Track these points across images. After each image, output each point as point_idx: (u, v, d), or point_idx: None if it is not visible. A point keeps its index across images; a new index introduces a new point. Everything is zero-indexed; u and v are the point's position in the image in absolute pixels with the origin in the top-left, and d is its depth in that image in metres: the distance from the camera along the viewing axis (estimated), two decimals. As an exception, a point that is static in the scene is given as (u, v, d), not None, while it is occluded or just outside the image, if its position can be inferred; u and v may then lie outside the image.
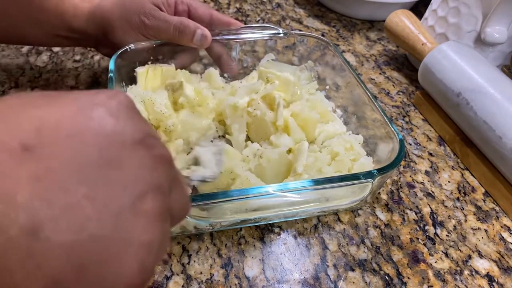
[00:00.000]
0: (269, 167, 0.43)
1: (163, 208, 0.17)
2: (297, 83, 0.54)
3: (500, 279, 0.42)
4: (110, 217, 0.15)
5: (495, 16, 0.56)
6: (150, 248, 0.16)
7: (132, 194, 0.16)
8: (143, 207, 0.16)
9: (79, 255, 0.14)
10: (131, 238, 0.16)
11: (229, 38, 0.55)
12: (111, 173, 0.15)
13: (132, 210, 0.16)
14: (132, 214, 0.16)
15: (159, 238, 0.17)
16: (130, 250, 0.15)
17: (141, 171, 0.17)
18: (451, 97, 0.55)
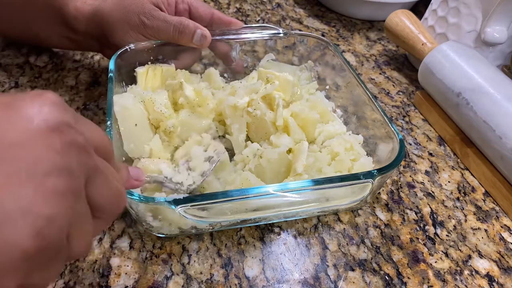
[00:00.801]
0: (269, 167, 0.43)
1: (69, 188, 0.19)
2: (296, 83, 0.54)
3: (500, 279, 0.42)
4: (11, 188, 0.17)
5: (495, 16, 0.56)
6: (50, 221, 0.18)
7: (35, 171, 0.18)
8: (46, 183, 0.18)
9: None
10: (30, 209, 0.18)
11: (229, 38, 0.55)
12: (16, 153, 0.18)
13: (34, 185, 0.18)
14: (33, 188, 0.18)
15: (63, 214, 0.19)
16: (28, 218, 0.17)
17: (48, 153, 0.19)
18: (451, 97, 0.55)
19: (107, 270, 0.39)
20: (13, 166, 0.18)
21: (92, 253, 0.40)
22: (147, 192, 0.42)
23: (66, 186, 0.19)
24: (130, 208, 0.38)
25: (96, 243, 0.41)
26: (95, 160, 0.22)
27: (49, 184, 0.18)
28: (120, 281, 0.38)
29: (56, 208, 0.18)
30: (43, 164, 0.18)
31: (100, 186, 0.22)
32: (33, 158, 0.18)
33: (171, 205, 0.34)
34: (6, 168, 0.18)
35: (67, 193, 0.19)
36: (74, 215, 0.20)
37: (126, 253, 0.41)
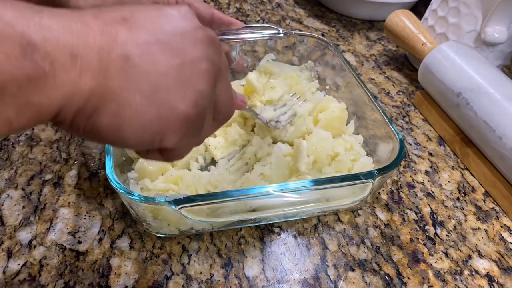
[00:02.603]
0: (274, 173, 0.44)
1: (213, 73, 0.24)
2: (298, 80, 0.54)
3: (500, 279, 0.42)
4: (176, 65, 0.22)
5: (495, 16, 0.56)
6: (202, 95, 0.24)
7: (193, 57, 0.23)
8: (200, 66, 0.23)
9: (152, 80, 0.21)
10: (189, 83, 0.23)
11: (229, 38, 0.55)
12: (179, 40, 0.23)
13: (192, 66, 0.23)
14: (191, 69, 0.23)
15: (209, 93, 0.24)
16: (188, 90, 0.23)
17: (199, 44, 0.24)
18: (451, 97, 0.55)
19: (107, 270, 0.39)
20: (178, 50, 0.23)
21: (92, 253, 0.40)
22: (147, 193, 0.42)
23: (212, 70, 0.24)
24: (130, 208, 0.38)
25: (96, 243, 0.41)
26: (223, 62, 0.27)
27: (202, 67, 0.23)
28: (120, 281, 0.38)
29: (206, 85, 0.24)
30: (197, 51, 0.23)
31: (223, 87, 0.27)
32: (190, 46, 0.23)
33: (171, 205, 0.34)
34: (171, 50, 0.22)
35: (212, 76, 0.24)
36: (212, 98, 0.25)
37: (126, 253, 0.41)
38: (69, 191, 0.46)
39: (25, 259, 0.39)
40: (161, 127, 0.22)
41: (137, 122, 0.22)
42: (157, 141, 0.23)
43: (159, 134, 0.23)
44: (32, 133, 0.52)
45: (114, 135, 0.22)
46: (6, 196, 0.45)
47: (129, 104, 0.21)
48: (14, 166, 0.48)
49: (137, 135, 0.22)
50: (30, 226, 0.42)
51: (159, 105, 0.22)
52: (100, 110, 0.21)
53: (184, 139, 0.24)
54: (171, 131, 0.23)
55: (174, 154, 0.26)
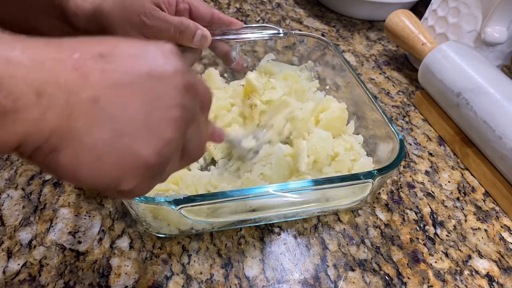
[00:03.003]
0: (274, 173, 0.44)
1: (184, 121, 0.24)
2: (298, 80, 0.54)
3: (500, 279, 0.42)
4: (146, 110, 0.22)
5: (495, 16, 0.56)
6: (168, 143, 0.23)
7: (164, 103, 0.22)
8: (170, 113, 0.23)
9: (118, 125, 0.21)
10: (157, 130, 0.22)
11: (229, 38, 0.55)
12: (154, 85, 0.22)
13: (162, 112, 0.22)
14: (161, 115, 0.22)
15: (176, 140, 0.23)
16: (154, 138, 0.22)
17: (172, 90, 0.23)
18: (451, 97, 0.55)
19: (107, 270, 0.39)
20: (151, 95, 0.22)
21: (92, 253, 0.40)
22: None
23: (183, 117, 0.23)
24: (130, 208, 0.38)
25: (96, 243, 0.41)
26: (197, 107, 0.26)
27: (172, 114, 0.23)
28: (120, 281, 0.38)
29: (174, 133, 0.23)
30: (171, 98, 0.23)
31: (194, 131, 0.26)
32: (164, 91, 0.22)
33: (171, 205, 0.34)
34: (143, 94, 0.22)
35: (182, 124, 0.23)
36: (179, 145, 0.24)
37: (126, 253, 0.41)
38: (69, 191, 0.46)
39: (25, 259, 0.39)
40: (119, 173, 0.22)
41: (95, 167, 0.21)
42: (113, 186, 0.22)
43: (117, 180, 0.22)
44: (32, 133, 0.52)
45: (70, 176, 0.21)
46: (6, 196, 0.45)
47: (89, 149, 0.21)
48: (14, 166, 0.48)
49: (94, 179, 0.22)
50: (30, 226, 0.42)
51: (120, 152, 0.21)
52: (59, 150, 0.20)
53: (142, 183, 0.24)
54: (129, 177, 0.22)
55: (132, 195, 0.25)
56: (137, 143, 0.22)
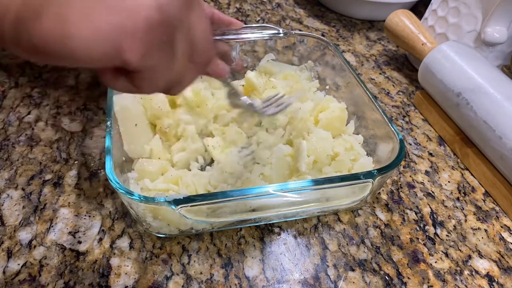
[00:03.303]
0: (274, 173, 0.44)
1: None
2: (298, 79, 0.54)
3: (500, 279, 0.42)
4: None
5: (495, 16, 0.56)
6: (168, 1, 0.20)
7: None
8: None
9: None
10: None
11: (229, 38, 0.55)
12: None
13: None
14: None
15: (177, 5, 0.21)
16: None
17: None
18: (451, 97, 0.55)
19: (107, 270, 0.39)
20: None
21: (92, 253, 0.40)
22: (147, 193, 0.42)
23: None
24: (130, 208, 0.38)
25: (96, 243, 0.41)
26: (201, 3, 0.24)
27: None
28: (120, 281, 0.38)
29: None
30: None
31: (199, 17, 0.24)
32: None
33: (171, 205, 0.34)
34: None
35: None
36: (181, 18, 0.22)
37: (126, 253, 0.41)
38: (69, 191, 0.46)
39: (25, 259, 0.39)
40: (116, 32, 0.19)
41: (86, 26, 0.18)
42: (113, 51, 0.19)
43: (115, 41, 0.19)
44: (32, 133, 0.52)
45: (60, 45, 0.18)
46: (6, 196, 0.45)
47: (73, 2, 0.18)
48: (14, 166, 0.48)
49: (88, 43, 0.19)
50: (30, 226, 0.42)
51: (112, 7, 0.19)
52: (41, 12, 0.18)
53: (149, 55, 0.21)
54: (130, 39, 0.19)
55: (144, 79, 0.22)
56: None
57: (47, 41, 0.18)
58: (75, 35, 0.18)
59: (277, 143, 0.47)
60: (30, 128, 0.53)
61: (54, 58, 0.19)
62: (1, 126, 0.53)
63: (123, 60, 0.20)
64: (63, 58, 0.19)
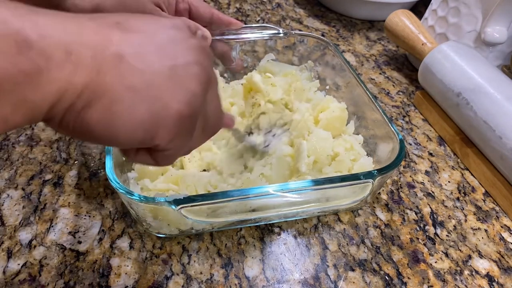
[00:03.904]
0: (274, 173, 0.44)
1: (204, 77, 0.25)
2: (298, 78, 0.54)
3: (500, 279, 0.42)
4: (169, 66, 0.23)
5: (495, 16, 0.56)
6: (195, 95, 0.24)
7: (184, 60, 0.24)
8: (192, 69, 0.24)
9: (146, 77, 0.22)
10: (182, 83, 0.23)
11: (229, 38, 0.55)
12: (171, 44, 0.24)
13: (184, 68, 0.24)
14: (184, 71, 0.24)
15: (200, 95, 0.25)
16: (182, 90, 0.23)
17: (192, 50, 0.25)
18: (451, 97, 0.55)
19: (107, 270, 0.39)
20: (171, 53, 0.24)
21: (92, 253, 0.40)
22: (147, 193, 0.42)
23: (203, 75, 0.25)
24: (130, 208, 0.38)
25: (96, 243, 0.41)
26: (214, 73, 0.27)
27: (194, 70, 0.24)
28: (120, 281, 0.38)
29: (198, 88, 0.24)
30: (190, 56, 0.24)
31: (213, 96, 0.27)
32: (182, 51, 0.24)
33: (171, 205, 0.34)
34: (163, 52, 0.23)
35: (203, 81, 0.25)
36: (202, 104, 0.25)
37: (126, 253, 0.41)
38: (69, 191, 0.46)
39: (25, 259, 0.39)
40: (153, 124, 0.23)
41: (129, 118, 0.22)
42: (148, 138, 0.23)
43: (151, 131, 0.23)
44: (32, 133, 0.52)
45: (105, 131, 0.22)
46: (6, 196, 0.45)
47: (121, 99, 0.21)
48: (14, 166, 0.48)
49: (129, 131, 0.22)
50: (30, 226, 0.42)
51: (152, 102, 0.22)
52: (91, 104, 0.21)
53: (175, 139, 0.24)
54: (164, 129, 0.23)
55: (164, 156, 0.26)
56: (166, 94, 0.23)
57: (93, 127, 0.21)
58: (119, 125, 0.22)
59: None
60: (30, 128, 0.53)
61: (96, 140, 0.22)
62: (1, 126, 0.53)
63: (154, 144, 0.24)
64: (104, 140, 0.23)
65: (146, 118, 0.22)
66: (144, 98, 0.22)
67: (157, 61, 0.23)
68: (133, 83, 0.21)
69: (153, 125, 0.23)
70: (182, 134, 0.25)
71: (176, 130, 0.24)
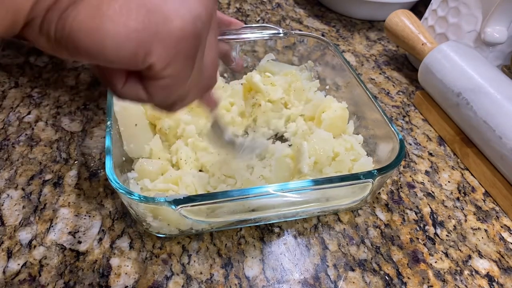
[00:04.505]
0: (274, 175, 0.44)
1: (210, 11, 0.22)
2: (298, 77, 0.54)
3: (500, 279, 0.42)
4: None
5: (495, 16, 0.56)
6: (200, 18, 0.21)
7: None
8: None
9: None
10: (189, 3, 0.20)
11: (229, 38, 0.55)
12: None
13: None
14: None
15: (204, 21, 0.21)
16: (184, 7, 0.20)
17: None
18: (451, 97, 0.55)
19: (107, 270, 0.39)
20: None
21: (92, 253, 0.40)
22: (147, 193, 0.42)
23: (209, 4, 0.22)
24: (130, 208, 0.38)
25: (96, 243, 0.41)
26: (216, 20, 0.25)
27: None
28: (120, 281, 0.38)
29: (204, 12, 0.21)
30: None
31: (212, 41, 0.24)
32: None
33: (171, 205, 0.34)
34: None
35: (208, 9, 0.22)
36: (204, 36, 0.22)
37: (126, 253, 0.41)
38: (69, 191, 0.46)
39: (25, 259, 0.39)
40: (149, 36, 0.19)
41: (121, 23, 0.18)
42: (142, 53, 0.19)
43: (146, 44, 0.19)
44: (32, 133, 0.52)
45: (91, 38, 0.18)
46: (6, 196, 0.45)
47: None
48: (14, 166, 0.48)
49: (120, 41, 0.18)
50: (30, 226, 0.42)
51: (150, 10, 0.19)
52: (77, 2, 0.18)
53: (173, 64, 0.21)
54: (161, 45, 0.20)
55: (159, 86, 0.22)
56: (169, 7, 0.19)
57: (80, 33, 0.18)
58: (110, 31, 0.18)
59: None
60: (30, 128, 0.53)
61: (81, 53, 0.19)
62: (1, 126, 0.53)
63: (149, 64, 0.20)
64: (89, 54, 0.19)
65: (141, 27, 0.19)
66: (142, 3, 0.19)
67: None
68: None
69: (149, 37, 0.19)
70: (181, 58, 0.21)
71: (175, 51, 0.20)
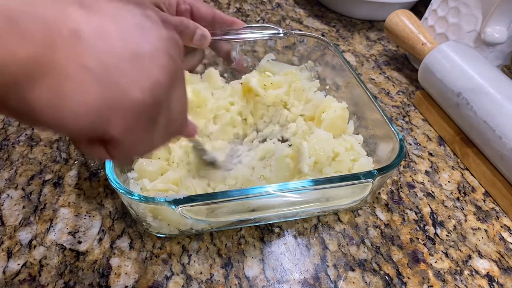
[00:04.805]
0: (274, 175, 0.44)
1: (173, 71, 0.23)
2: (298, 77, 0.54)
3: (500, 279, 0.42)
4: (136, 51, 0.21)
5: (495, 16, 0.56)
6: (159, 86, 0.22)
7: (150, 48, 0.22)
8: (159, 59, 0.22)
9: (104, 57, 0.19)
10: (145, 70, 0.21)
11: (229, 38, 0.55)
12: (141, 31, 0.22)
13: (151, 56, 0.21)
14: (150, 59, 0.21)
15: (165, 88, 0.22)
16: (142, 77, 0.21)
17: (161, 39, 0.22)
18: (451, 97, 0.55)
19: (107, 270, 0.39)
20: (138, 38, 0.21)
21: (92, 253, 0.40)
22: (147, 193, 0.42)
23: (172, 67, 0.22)
24: (130, 208, 0.38)
25: (96, 243, 0.41)
26: (182, 71, 0.25)
27: (162, 60, 0.22)
28: (120, 281, 0.38)
29: (164, 78, 0.22)
30: (159, 45, 0.22)
31: (180, 94, 0.25)
32: (152, 38, 0.22)
33: (171, 205, 0.34)
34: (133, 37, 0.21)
35: (171, 73, 0.22)
36: (167, 98, 0.23)
37: (126, 253, 0.41)
38: (69, 191, 0.46)
39: (25, 259, 0.39)
40: (108, 109, 0.20)
41: (80, 99, 0.19)
42: (101, 125, 0.20)
43: (105, 117, 0.20)
44: (32, 133, 0.52)
45: (51, 113, 0.19)
46: (6, 196, 0.45)
47: (72, 77, 0.19)
48: (14, 166, 0.48)
49: (79, 114, 0.19)
50: (30, 226, 0.42)
51: (108, 85, 0.20)
52: (37, 81, 0.18)
53: (132, 131, 0.22)
54: (120, 117, 0.20)
55: (119, 150, 0.23)
56: (126, 80, 0.20)
57: (39, 108, 0.19)
58: (67, 107, 0.19)
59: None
60: (30, 128, 0.53)
61: (43, 124, 0.20)
62: (1, 126, 0.53)
63: (106, 132, 0.21)
64: (50, 124, 0.20)
65: (99, 102, 0.19)
66: (100, 80, 0.19)
67: (119, 44, 0.20)
68: (88, 62, 0.19)
69: (108, 110, 0.20)
70: (140, 126, 0.22)
71: (133, 120, 0.21)
